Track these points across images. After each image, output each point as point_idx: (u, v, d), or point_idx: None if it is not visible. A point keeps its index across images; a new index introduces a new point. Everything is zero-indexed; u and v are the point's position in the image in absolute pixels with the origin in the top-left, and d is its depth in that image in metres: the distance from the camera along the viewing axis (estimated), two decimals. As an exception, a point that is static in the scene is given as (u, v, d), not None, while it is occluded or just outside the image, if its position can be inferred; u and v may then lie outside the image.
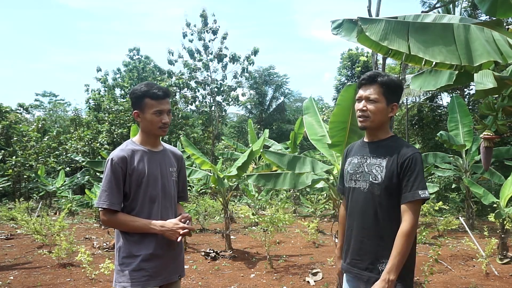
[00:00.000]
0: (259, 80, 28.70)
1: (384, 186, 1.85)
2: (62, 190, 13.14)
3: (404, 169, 1.80)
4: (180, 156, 2.38)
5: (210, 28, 16.91)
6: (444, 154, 8.66)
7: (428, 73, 3.32)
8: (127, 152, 2.11)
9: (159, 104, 2.11)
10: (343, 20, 2.56)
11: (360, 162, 1.98)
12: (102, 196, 2.04)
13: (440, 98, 15.60)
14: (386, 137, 1.95)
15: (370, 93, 1.90)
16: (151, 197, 2.12)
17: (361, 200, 1.94)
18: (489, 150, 3.38)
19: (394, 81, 1.91)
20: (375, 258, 1.87)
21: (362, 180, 1.93)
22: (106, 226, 2.21)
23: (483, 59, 2.18)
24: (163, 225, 2.06)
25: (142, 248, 2.07)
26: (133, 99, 2.15)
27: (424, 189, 1.77)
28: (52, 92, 33.75)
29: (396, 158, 1.84)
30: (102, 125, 17.94)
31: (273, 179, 4.95)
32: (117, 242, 2.13)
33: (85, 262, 4.98)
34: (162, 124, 2.13)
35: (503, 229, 5.75)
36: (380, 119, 1.91)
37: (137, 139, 2.21)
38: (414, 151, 1.84)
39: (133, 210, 2.09)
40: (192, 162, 7.29)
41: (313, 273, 5.17)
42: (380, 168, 1.87)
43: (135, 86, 2.19)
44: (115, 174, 2.05)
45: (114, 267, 2.16)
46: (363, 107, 1.91)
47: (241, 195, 14.53)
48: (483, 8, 2.53)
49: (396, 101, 1.92)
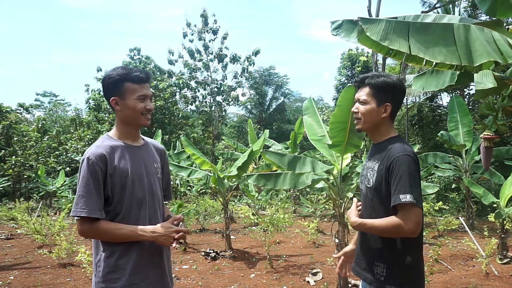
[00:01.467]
0: (259, 80, 28.69)
1: (374, 191, 1.83)
2: (62, 190, 13.13)
3: (391, 173, 1.74)
4: (163, 150, 2.11)
5: (210, 28, 16.93)
6: (444, 154, 8.66)
7: (430, 73, 3.32)
8: (105, 148, 1.81)
9: (142, 88, 1.85)
10: (343, 21, 2.55)
11: (364, 164, 1.99)
12: (79, 203, 1.73)
13: (440, 98, 15.60)
14: (385, 138, 1.89)
15: (360, 95, 1.90)
16: (138, 199, 1.85)
17: (363, 203, 1.97)
18: (489, 150, 3.39)
19: (386, 81, 1.84)
20: (371, 260, 1.87)
21: (363, 183, 1.95)
22: (85, 237, 1.87)
23: (483, 59, 2.18)
24: (154, 231, 1.80)
25: (129, 259, 1.80)
26: (109, 84, 1.85)
27: (406, 193, 1.65)
28: (52, 92, 33.88)
29: (385, 162, 1.78)
30: (102, 125, 17.95)
31: (273, 179, 4.95)
32: (96, 255, 1.84)
33: (85, 262, 4.98)
34: (146, 111, 1.87)
35: (503, 229, 5.75)
36: (371, 120, 1.87)
37: (114, 133, 1.92)
38: (401, 153, 1.73)
39: (117, 216, 1.81)
40: (192, 162, 7.30)
41: (313, 273, 5.17)
42: (373, 172, 1.84)
43: (108, 71, 1.90)
44: (93, 176, 1.75)
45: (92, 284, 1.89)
46: (355, 109, 1.92)
47: (241, 195, 14.52)
48: (483, 8, 2.52)
49: (389, 101, 1.85)
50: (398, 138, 1.87)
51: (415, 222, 1.66)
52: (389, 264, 1.80)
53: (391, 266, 1.80)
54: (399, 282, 1.77)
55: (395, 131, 1.92)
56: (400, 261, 1.79)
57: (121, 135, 1.91)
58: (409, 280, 1.79)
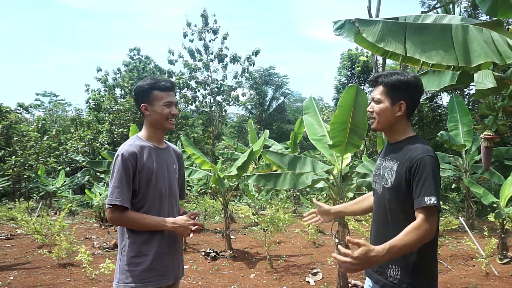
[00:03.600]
0: (259, 80, 28.71)
1: (392, 191, 1.79)
2: (62, 190, 13.13)
3: (413, 174, 1.70)
4: (180, 154, 2.38)
5: (210, 28, 16.93)
6: (444, 154, 8.67)
7: (431, 73, 3.31)
8: (136, 147, 2.07)
9: (168, 95, 2.13)
10: (345, 21, 2.55)
11: (379, 164, 1.95)
12: (114, 193, 1.97)
13: (440, 98, 15.59)
14: (403, 138, 1.85)
15: (374, 94, 1.88)
16: (160, 194, 2.09)
17: (377, 203, 1.93)
18: (489, 150, 3.38)
19: (400, 79, 1.81)
20: (384, 262, 1.74)
21: (378, 183, 1.91)
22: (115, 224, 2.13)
23: (481, 60, 2.18)
24: (175, 222, 2.04)
25: (152, 246, 2.03)
26: (140, 93, 2.13)
27: (431, 195, 1.62)
28: (52, 92, 33.84)
29: (405, 163, 1.74)
30: (102, 125, 17.95)
31: (273, 179, 4.95)
32: (122, 241, 2.08)
33: (85, 262, 4.98)
34: (172, 116, 2.13)
35: (503, 229, 5.75)
36: (386, 119, 1.84)
37: (143, 134, 2.18)
38: (424, 154, 1.71)
39: (142, 207, 2.05)
40: (192, 162, 7.29)
41: (313, 273, 5.17)
42: (391, 172, 1.80)
43: (139, 82, 2.18)
44: (126, 170, 2.00)
45: (115, 267, 2.12)
46: (370, 108, 1.89)
47: (241, 195, 14.52)
48: (483, 8, 2.52)
49: (404, 99, 1.81)
50: (418, 138, 1.84)
51: (436, 224, 1.66)
52: (403, 267, 1.76)
53: (405, 269, 1.76)
54: (413, 285, 1.74)
55: (412, 130, 1.89)
56: (415, 264, 1.75)
57: (148, 137, 2.17)
58: (422, 283, 1.77)
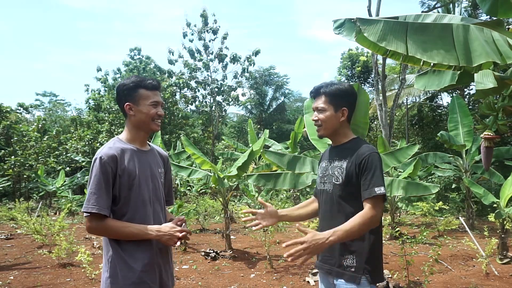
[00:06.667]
0: (260, 80, 28.67)
1: (344, 187, 1.96)
2: (62, 190, 13.14)
3: (362, 169, 1.91)
4: (166, 157, 2.21)
5: (210, 28, 16.93)
6: (444, 154, 8.66)
7: (432, 72, 3.32)
8: (116, 150, 1.90)
9: (154, 95, 1.99)
10: (345, 20, 2.54)
11: (327, 165, 2.11)
12: (91, 200, 1.81)
13: (440, 98, 15.62)
14: (348, 140, 2.07)
15: (318, 104, 2.06)
16: (143, 201, 1.93)
17: (328, 201, 2.06)
18: (489, 150, 3.38)
19: (340, 88, 2.02)
20: (341, 254, 1.97)
21: (328, 182, 2.06)
22: (93, 234, 2.03)
23: (482, 60, 2.18)
24: (160, 230, 1.88)
25: (138, 258, 1.88)
26: (123, 91, 1.97)
27: (380, 185, 1.86)
28: (52, 92, 33.86)
29: (354, 159, 1.94)
30: (102, 125, 17.95)
31: (273, 179, 4.95)
32: (107, 252, 1.92)
33: (85, 262, 4.98)
34: (158, 116, 1.99)
35: (503, 229, 5.74)
36: (331, 125, 2.04)
37: (125, 136, 2.02)
38: (370, 151, 1.93)
39: (124, 215, 1.89)
40: (192, 162, 7.30)
41: (313, 273, 5.17)
42: (341, 170, 1.99)
43: (123, 80, 2.03)
44: (104, 175, 1.83)
45: (102, 279, 1.95)
46: (315, 117, 2.07)
47: (241, 195, 14.52)
48: (484, 8, 2.52)
49: (345, 105, 2.02)
50: (360, 139, 2.10)
51: (381, 211, 1.89)
52: (357, 255, 1.93)
53: (359, 256, 1.93)
54: (369, 270, 1.91)
55: (352, 133, 2.12)
56: (367, 250, 1.93)
57: (131, 139, 2.01)
58: (377, 266, 1.96)
